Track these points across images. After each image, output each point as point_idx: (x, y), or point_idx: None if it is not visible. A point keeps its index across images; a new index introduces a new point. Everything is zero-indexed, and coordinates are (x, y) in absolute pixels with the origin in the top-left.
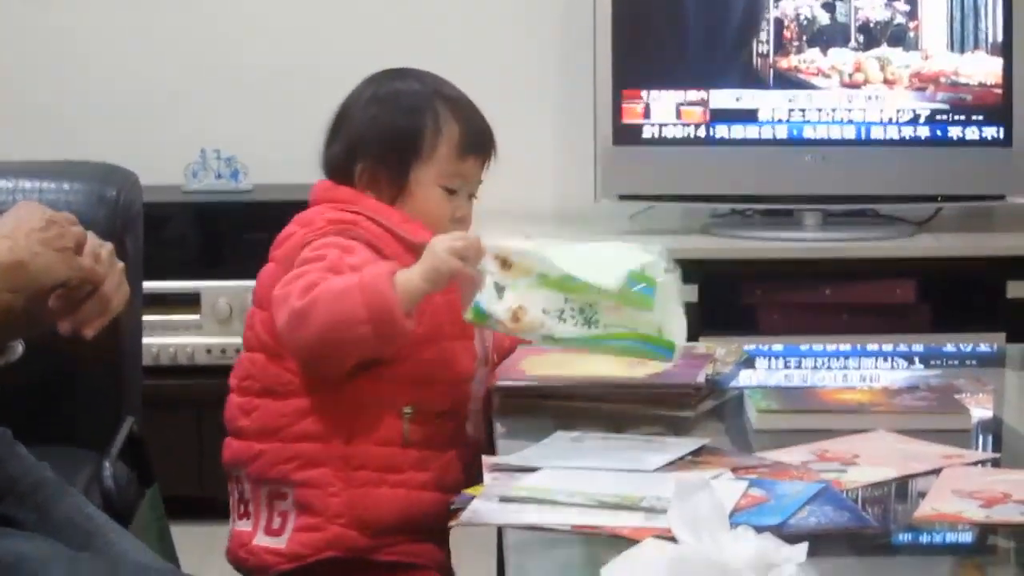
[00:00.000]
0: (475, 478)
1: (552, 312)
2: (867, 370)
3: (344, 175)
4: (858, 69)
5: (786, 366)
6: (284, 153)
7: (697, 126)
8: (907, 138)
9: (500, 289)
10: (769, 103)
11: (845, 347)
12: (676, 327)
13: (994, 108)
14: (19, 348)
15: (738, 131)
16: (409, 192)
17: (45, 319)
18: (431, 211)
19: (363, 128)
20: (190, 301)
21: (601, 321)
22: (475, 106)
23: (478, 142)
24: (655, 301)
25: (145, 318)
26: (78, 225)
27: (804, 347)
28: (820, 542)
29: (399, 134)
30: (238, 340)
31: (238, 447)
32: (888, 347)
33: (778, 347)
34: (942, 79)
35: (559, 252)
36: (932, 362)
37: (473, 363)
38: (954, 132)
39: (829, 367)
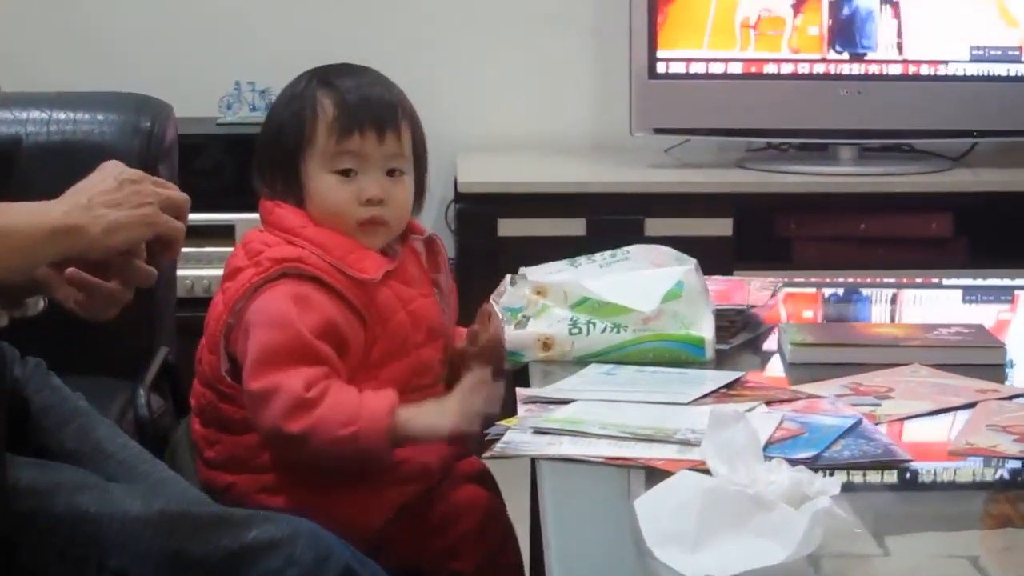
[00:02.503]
0: (460, 449)
1: (581, 326)
2: (902, 304)
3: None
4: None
5: (821, 299)
6: None
7: (732, 60)
8: (943, 73)
9: (524, 321)
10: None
11: (880, 281)
12: (704, 323)
13: None
14: (40, 303)
15: (774, 65)
16: (306, 188)
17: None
18: (329, 201)
19: (260, 135)
20: (224, 233)
21: (630, 328)
22: (366, 80)
23: (359, 115)
24: (684, 292)
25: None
26: (169, 187)
27: (839, 281)
28: (854, 475)
29: (280, 129)
30: None
31: (209, 475)
32: (923, 281)
33: (813, 280)
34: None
35: (595, 282)
36: (968, 296)
37: (442, 363)
38: (990, 67)
39: (864, 301)
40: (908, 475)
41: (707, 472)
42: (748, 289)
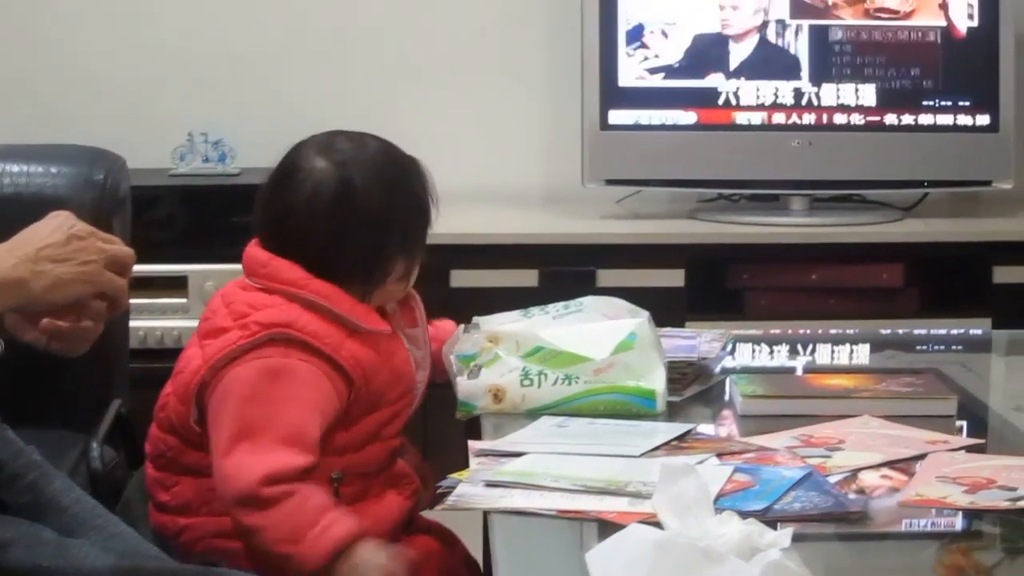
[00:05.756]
0: (420, 505)
1: (532, 377)
2: (853, 355)
3: (311, 256)
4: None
5: (772, 351)
6: (271, 136)
7: (684, 111)
8: (894, 123)
9: (476, 370)
10: (755, 88)
11: (831, 332)
12: (656, 375)
13: (981, 94)
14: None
15: (725, 116)
16: (385, 285)
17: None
18: (391, 301)
19: (379, 222)
20: (177, 284)
21: (582, 379)
22: None
23: None
24: (636, 343)
25: (132, 301)
26: (115, 242)
27: (790, 332)
28: (805, 527)
29: (417, 234)
30: None
31: (161, 519)
32: (874, 332)
33: (764, 332)
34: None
35: (549, 332)
36: (918, 347)
37: (410, 416)
38: (941, 118)
39: (815, 352)
40: (859, 527)
41: (658, 525)
42: (699, 340)
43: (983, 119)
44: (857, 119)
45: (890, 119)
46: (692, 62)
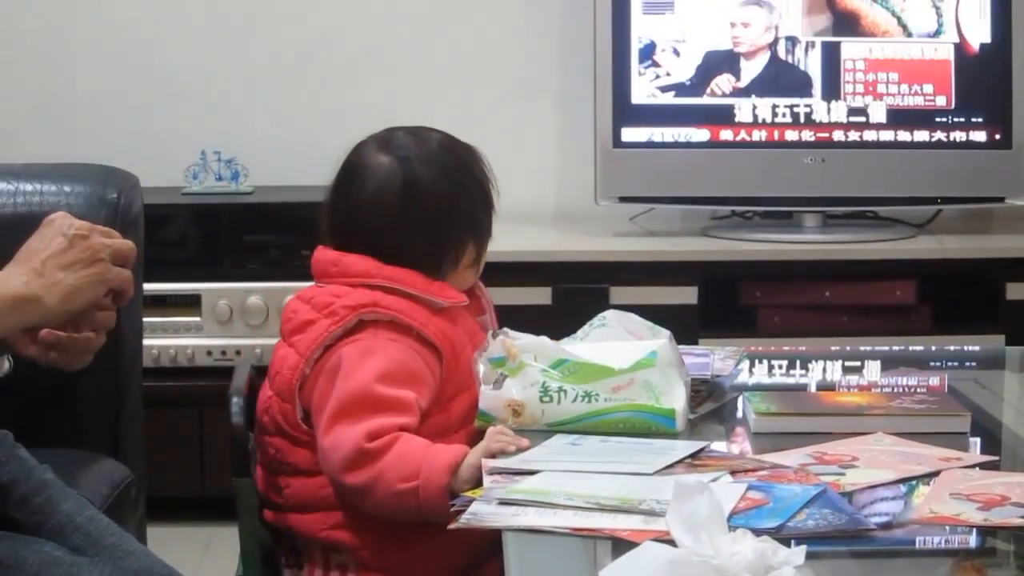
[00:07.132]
0: None
1: (552, 394)
2: (866, 372)
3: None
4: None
5: (785, 368)
6: (284, 155)
7: (696, 129)
8: (907, 140)
9: (501, 380)
10: (767, 105)
11: (844, 349)
12: (676, 393)
13: (993, 110)
14: (5, 364)
15: (737, 133)
16: (458, 270)
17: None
18: (464, 286)
19: (446, 212)
20: (190, 303)
21: (602, 396)
22: None
23: None
24: (657, 361)
25: (146, 319)
26: (114, 236)
27: (804, 349)
28: (818, 545)
29: (483, 219)
30: (238, 342)
31: (277, 519)
32: (887, 349)
33: (777, 349)
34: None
35: (572, 347)
36: (931, 364)
37: None
38: (954, 134)
39: (828, 369)
40: (872, 544)
41: (672, 543)
42: (713, 358)
43: (996, 135)
44: (870, 136)
45: (903, 136)
46: (703, 80)
